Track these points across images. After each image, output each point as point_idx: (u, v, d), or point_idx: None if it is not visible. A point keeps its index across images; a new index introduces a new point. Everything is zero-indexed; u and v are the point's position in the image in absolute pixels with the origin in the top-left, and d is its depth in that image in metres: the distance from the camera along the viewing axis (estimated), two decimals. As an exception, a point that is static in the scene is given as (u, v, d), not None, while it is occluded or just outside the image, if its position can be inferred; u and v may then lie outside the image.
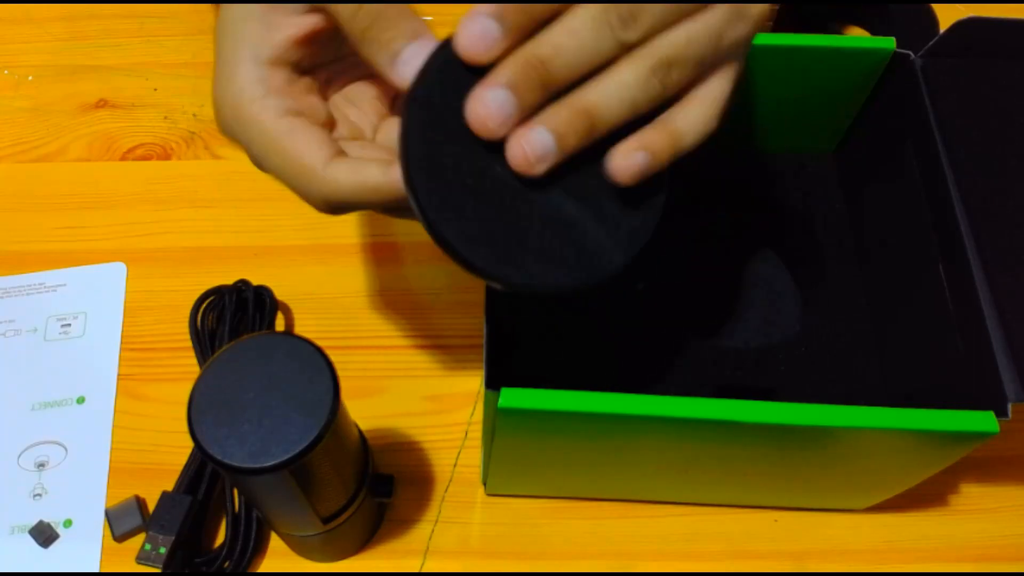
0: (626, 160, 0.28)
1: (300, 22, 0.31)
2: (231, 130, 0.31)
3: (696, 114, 0.30)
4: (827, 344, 0.44)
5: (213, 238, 0.53)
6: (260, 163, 0.31)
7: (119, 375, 0.48)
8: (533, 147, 0.27)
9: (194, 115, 0.58)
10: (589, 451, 0.38)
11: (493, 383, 0.33)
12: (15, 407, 0.47)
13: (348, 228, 0.53)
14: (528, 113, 0.27)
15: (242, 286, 0.48)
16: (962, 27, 0.40)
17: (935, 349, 0.39)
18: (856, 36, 0.44)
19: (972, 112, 0.40)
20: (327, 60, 0.34)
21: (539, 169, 0.27)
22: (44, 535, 0.43)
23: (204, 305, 0.48)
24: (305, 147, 0.29)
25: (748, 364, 0.43)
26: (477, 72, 0.27)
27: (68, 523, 0.44)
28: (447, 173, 0.27)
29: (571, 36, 0.27)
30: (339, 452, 0.34)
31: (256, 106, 0.30)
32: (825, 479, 0.41)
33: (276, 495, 0.34)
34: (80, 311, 0.50)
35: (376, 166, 0.29)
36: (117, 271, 0.52)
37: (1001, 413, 0.33)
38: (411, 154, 0.27)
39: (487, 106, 0.27)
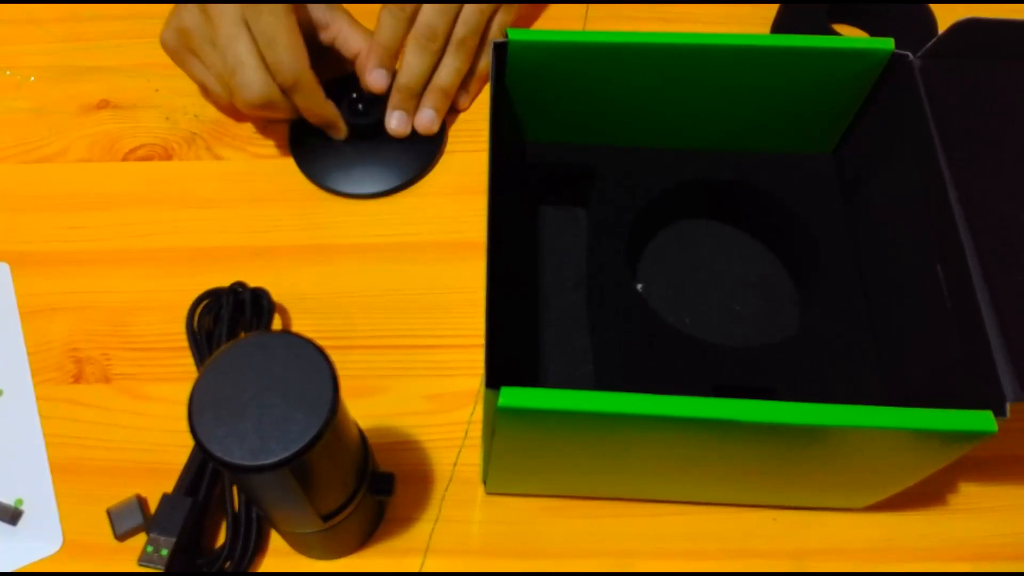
0: (422, 118, 0.55)
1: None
2: None
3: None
4: (826, 344, 0.44)
5: (213, 238, 0.53)
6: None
7: (118, 374, 0.49)
8: (424, 121, 0.55)
9: (195, 116, 0.58)
10: (589, 450, 0.38)
11: (493, 383, 0.33)
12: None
13: (348, 228, 0.54)
14: (409, 107, 0.55)
15: (239, 288, 0.48)
16: (961, 27, 0.40)
17: (933, 349, 0.39)
18: (855, 36, 0.44)
19: (971, 113, 0.40)
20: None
21: (433, 128, 0.55)
22: (9, 514, 0.44)
23: (200, 308, 0.48)
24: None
25: (747, 364, 0.43)
26: None
27: (19, 502, 0.45)
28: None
29: (413, 60, 0.54)
30: (339, 450, 0.34)
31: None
32: (824, 478, 0.41)
33: (276, 493, 0.34)
34: None
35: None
36: (1, 272, 0.52)
37: (999, 412, 0.33)
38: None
39: (398, 120, 0.55)
